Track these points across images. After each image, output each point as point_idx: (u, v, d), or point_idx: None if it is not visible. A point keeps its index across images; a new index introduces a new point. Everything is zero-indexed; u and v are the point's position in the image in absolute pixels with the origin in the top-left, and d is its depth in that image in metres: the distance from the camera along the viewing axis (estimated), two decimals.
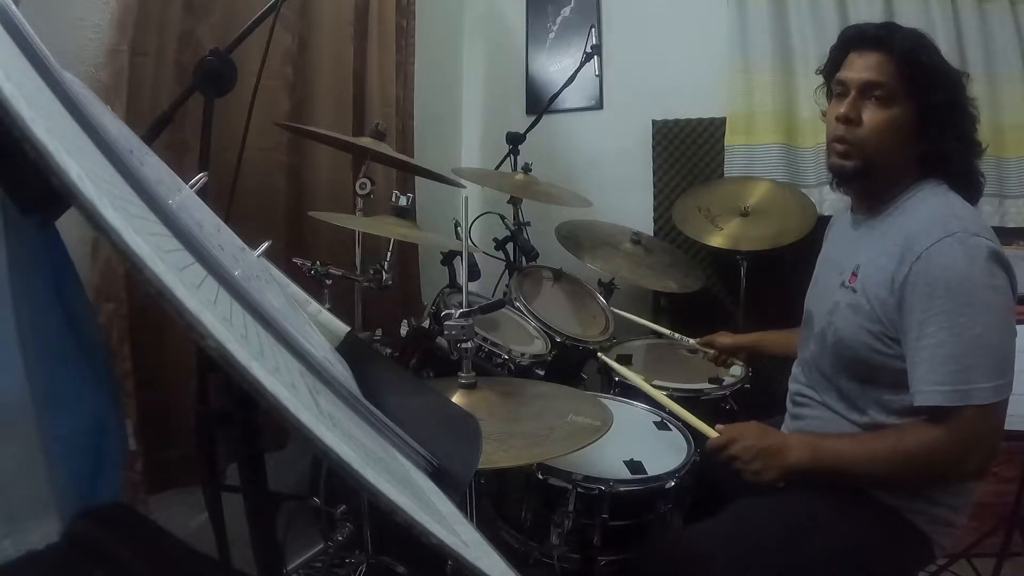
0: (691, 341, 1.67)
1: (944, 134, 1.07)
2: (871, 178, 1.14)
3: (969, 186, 1.12)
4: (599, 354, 1.62)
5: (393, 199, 1.57)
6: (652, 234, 2.53)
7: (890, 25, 1.12)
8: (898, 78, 1.06)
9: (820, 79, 1.24)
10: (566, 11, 2.75)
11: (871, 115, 1.09)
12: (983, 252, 0.99)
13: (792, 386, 1.31)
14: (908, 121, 1.08)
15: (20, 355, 0.51)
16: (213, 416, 1.16)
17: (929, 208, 1.08)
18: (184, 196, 0.59)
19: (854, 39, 1.13)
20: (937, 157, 1.09)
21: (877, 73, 1.08)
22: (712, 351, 1.62)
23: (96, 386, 0.64)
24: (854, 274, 1.14)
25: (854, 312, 1.11)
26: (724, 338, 1.61)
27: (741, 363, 1.65)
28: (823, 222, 1.49)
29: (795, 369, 1.32)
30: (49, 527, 0.50)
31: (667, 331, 1.75)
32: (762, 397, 1.74)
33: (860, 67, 1.10)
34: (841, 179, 1.17)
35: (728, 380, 1.71)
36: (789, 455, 1.07)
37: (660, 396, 1.31)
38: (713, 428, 1.16)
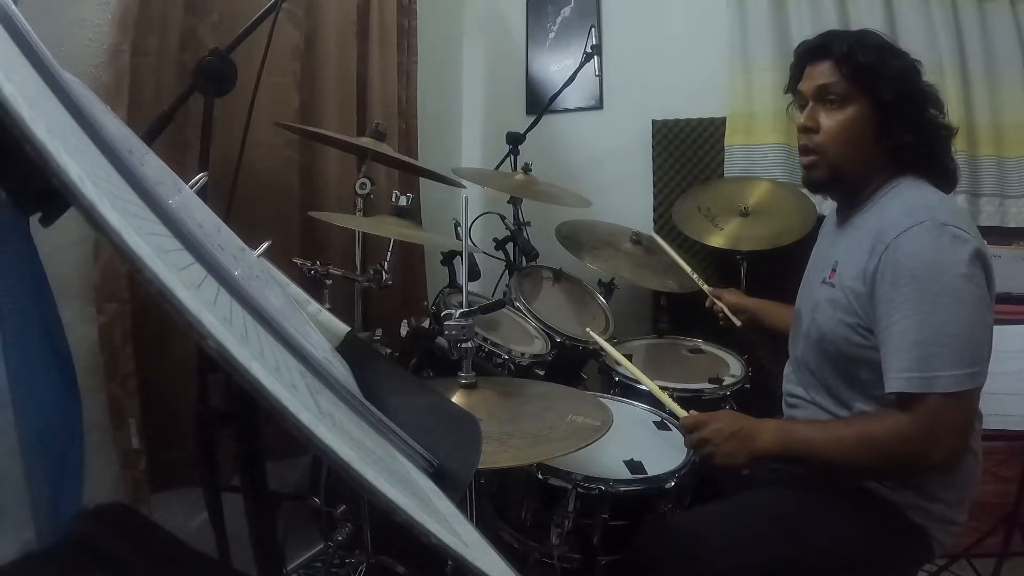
0: (706, 287, 1.72)
1: (906, 125, 1.09)
2: (843, 184, 1.17)
3: (945, 175, 1.14)
4: (587, 329, 1.59)
5: (393, 199, 1.57)
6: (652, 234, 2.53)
7: (831, 32, 1.16)
8: (845, 79, 1.10)
9: None
10: (566, 11, 2.75)
11: (826, 119, 1.13)
12: (951, 240, 0.99)
13: (785, 386, 1.32)
14: (865, 119, 1.10)
15: (2, 358, 0.51)
16: (213, 416, 1.16)
17: (902, 201, 1.09)
18: (184, 196, 0.59)
19: (804, 54, 1.18)
20: (904, 150, 1.10)
21: (825, 78, 1.12)
22: (720, 303, 1.67)
23: (65, 393, 0.64)
24: (833, 270, 1.16)
25: (833, 307, 1.13)
26: (732, 295, 1.66)
27: (739, 321, 1.66)
28: (823, 222, 1.50)
29: (787, 369, 1.34)
30: (28, 533, 0.50)
31: (692, 272, 1.80)
32: (762, 397, 1.74)
33: (811, 76, 1.15)
34: (815, 189, 1.22)
35: (728, 380, 1.71)
36: (759, 439, 1.08)
37: (638, 372, 1.31)
38: (687, 412, 1.18)
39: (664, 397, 1.23)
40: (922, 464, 1.01)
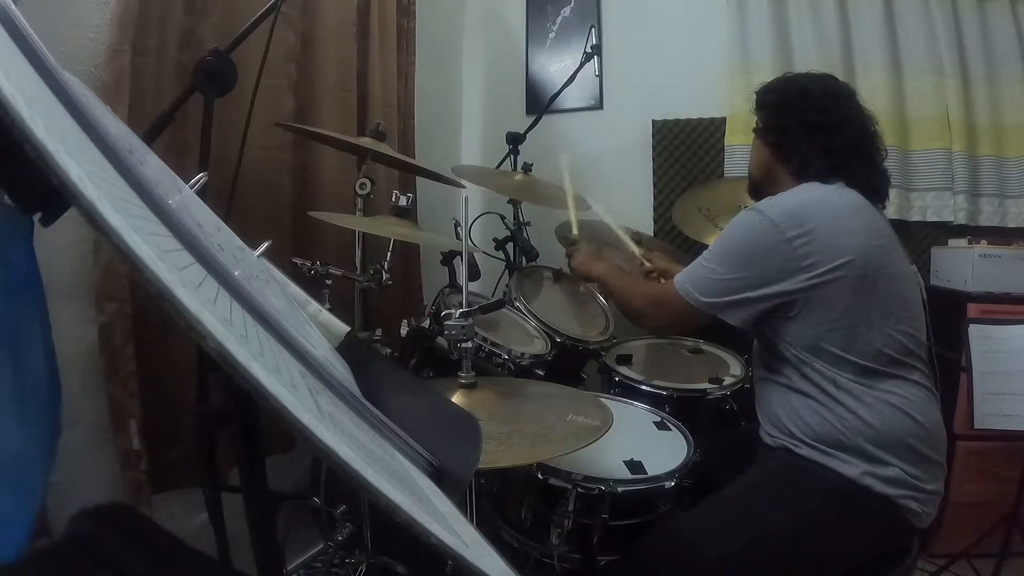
0: (638, 250, 1.85)
1: (791, 146, 1.31)
2: (760, 192, 1.41)
3: (866, 186, 1.26)
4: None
5: (393, 199, 1.57)
6: (652, 234, 2.53)
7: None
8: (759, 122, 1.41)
9: None
10: (566, 11, 2.75)
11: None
12: (755, 215, 1.21)
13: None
14: (758, 147, 1.41)
15: None
16: (213, 416, 1.16)
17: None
18: (184, 196, 0.59)
19: None
20: (804, 164, 1.29)
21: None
22: (649, 264, 1.81)
23: (22, 419, 0.63)
24: None
25: None
26: (661, 260, 1.81)
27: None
28: None
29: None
30: None
31: (625, 237, 1.91)
32: None
33: None
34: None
35: (728, 380, 1.71)
36: (595, 267, 1.63)
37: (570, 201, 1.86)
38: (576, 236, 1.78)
39: (573, 218, 1.82)
40: (644, 320, 1.44)
